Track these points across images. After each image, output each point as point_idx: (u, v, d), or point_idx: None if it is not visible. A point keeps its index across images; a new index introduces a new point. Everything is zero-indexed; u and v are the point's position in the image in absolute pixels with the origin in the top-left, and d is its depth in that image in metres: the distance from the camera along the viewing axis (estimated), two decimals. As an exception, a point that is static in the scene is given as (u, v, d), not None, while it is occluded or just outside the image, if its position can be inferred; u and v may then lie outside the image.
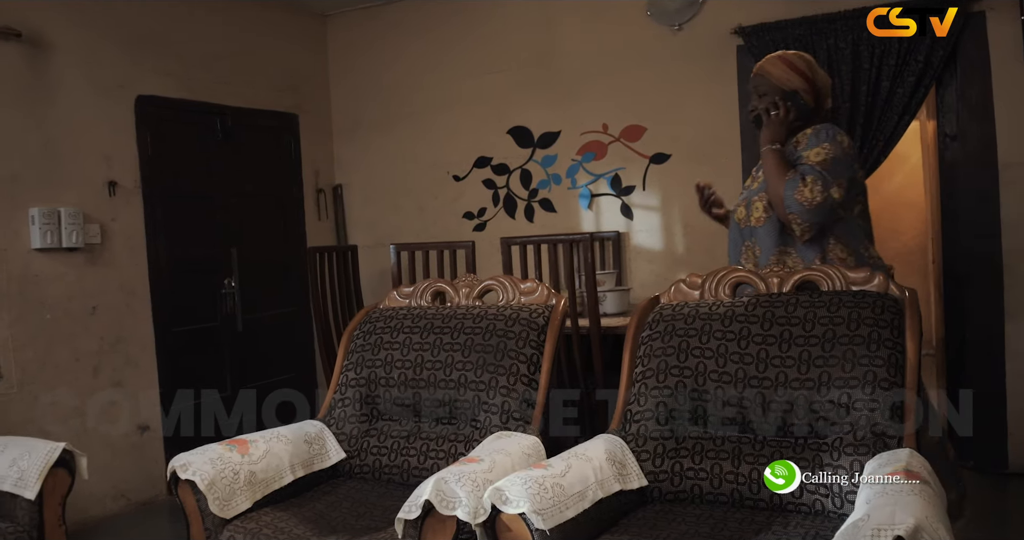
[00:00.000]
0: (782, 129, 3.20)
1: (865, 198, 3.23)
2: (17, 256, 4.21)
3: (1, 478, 3.02)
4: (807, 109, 3.22)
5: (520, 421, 2.99)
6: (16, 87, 4.24)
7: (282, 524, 2.76)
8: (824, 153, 3.08)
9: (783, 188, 3.07)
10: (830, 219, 3.08)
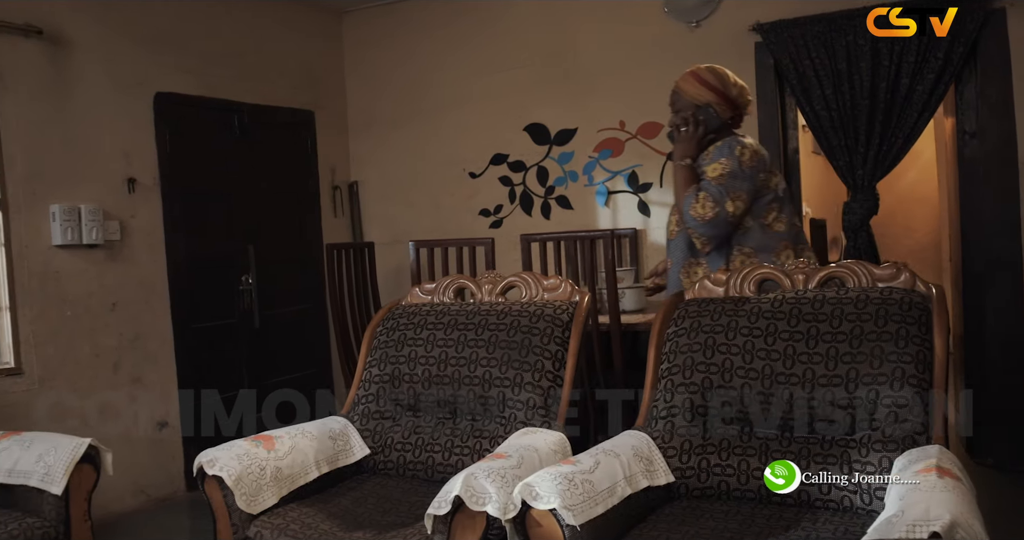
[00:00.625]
0: (691, 144, 3.31)
1: (783, 204, 3.31)
2: (38, 253, 4.22)
3: (27, 474, 3.04)
4: (720, 122, 3.33)
5: (545, 417, 2.99)
6: (37, 84, 4.25)
7: (309, 520, 2.76)
8: (720, 168, 3.21)
9: (683, 203, 3.24)
10: (727, 231, 3.22)
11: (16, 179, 4.15)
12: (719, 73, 3.37)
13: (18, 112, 4.17)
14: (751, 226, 3.25)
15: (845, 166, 4.60)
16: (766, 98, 4.86)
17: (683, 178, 3.29)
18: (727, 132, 3.34)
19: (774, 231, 3.27)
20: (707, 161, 3.26)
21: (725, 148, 3.23)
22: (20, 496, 3.06)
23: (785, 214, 3.31)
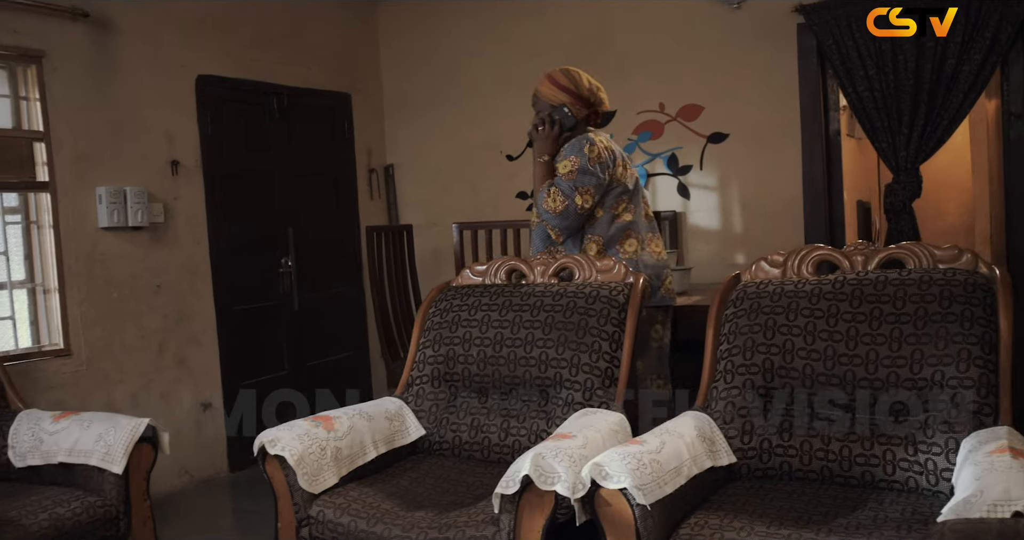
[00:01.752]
0: (548, 142, 3.51)
1: (632, 197, 3.55)
2: (85, 235, 4.25)
3: (88, 453, 3.07)
4: (575, 121, 3.53)
5: (604, 398, 3.00)
6: (83, 67, 4.27)
7: (369, 499, 2.78)
8: (570, 165, 3.42)
9: (538, 198, 3.47)
10: (578, 223, 3.46)
11: (64, 162, 4.17)
12: (572, 75, 3.56)
13: (65, 95, 4.18)
14: (601, 217, 3.48)
15: (888, 148, 4.57)
16: (808, 80, 4.84)
17: (540, 174, 3.51)
18: (581, 130, 3.55)
19: (622, 221, 3.50)
20: (560, 158, 3.48)
21: (576, 146, 3.45)
22: (80, 475, 3.09)
23: (634, 205, 3.54)
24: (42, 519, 2.82)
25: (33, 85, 4.12)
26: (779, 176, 4.94)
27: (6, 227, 4.09)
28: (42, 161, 4.14)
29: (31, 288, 4.19)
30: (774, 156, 4.95)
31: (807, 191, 4.88)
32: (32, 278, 4.19)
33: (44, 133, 4.13)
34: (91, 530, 2.94)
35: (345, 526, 2.69)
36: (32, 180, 4.13)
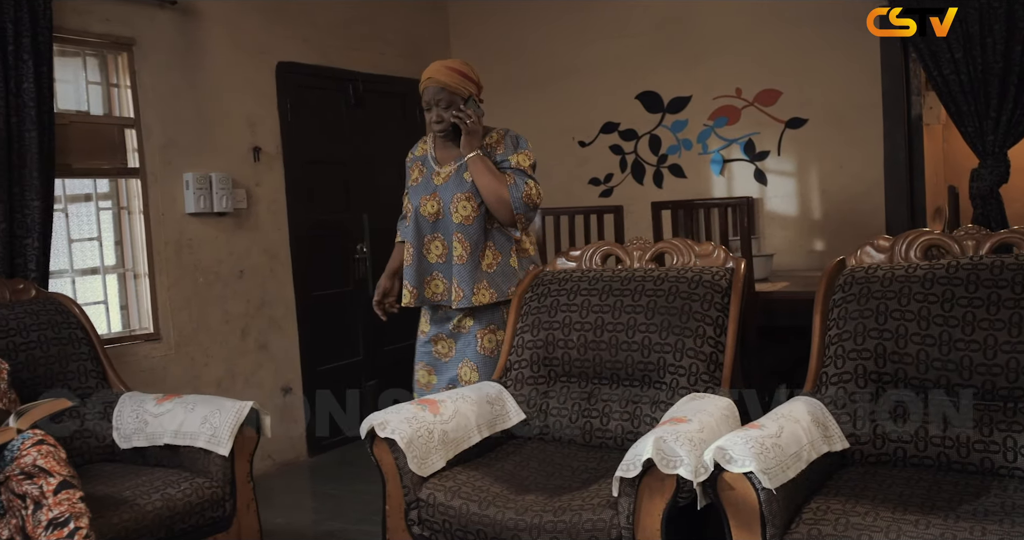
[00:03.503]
0: (479, 136, 3.43)
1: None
2: (173, 221, 4.29)
3: (193, 435, 3.10)
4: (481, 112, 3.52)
5: (709, 383, 2.99)
6: (171, 54, 4.31)
7: (478, 483, 2.79)
8: (529, 159, 3.50)
9: (507, 192, 3.38)
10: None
11: (153, 148, 4.22)
12: (469, 63, 3.52)
13: (154, 82, 4.22)
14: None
15: (974, 132, 4.50)
16: (890, 64, 4.78)
17: (489, 168, 3.40)
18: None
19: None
20: (509, 151, 3.47)
21: (520, 140, 3.53)
22: (185, 457, 3.13)
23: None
24: (155, 499, 2.86)
25: (124, 72, 4.17)
26: (859, 162, 4.89)
27: (99, 213, 4.13)
28: (133, 147, 4.19)
29: (121, 273, 4.24)
30: (854, 141, 4.90)
31: (889, 177, 4.83)
32: (122, 263, 4.24)
33: (135, 120, 4.18)
34: (199, 511, 2.98)
35: (456, 509, 2.71)
36: (124, 166, 4.18)
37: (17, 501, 2.42)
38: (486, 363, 3.46)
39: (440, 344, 3.56)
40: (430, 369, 3.57)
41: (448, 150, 3.53)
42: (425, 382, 3.59)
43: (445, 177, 3.48)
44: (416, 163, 3.63)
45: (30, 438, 2.49)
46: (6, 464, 2.47)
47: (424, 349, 3.60)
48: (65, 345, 3.38)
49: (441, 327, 3.54)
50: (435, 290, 3.50)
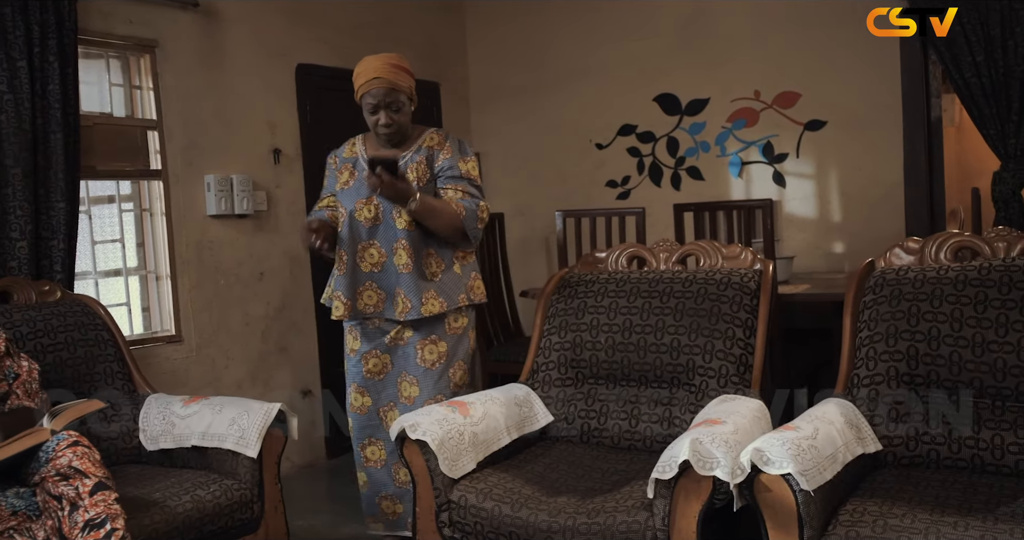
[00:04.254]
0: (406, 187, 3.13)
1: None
2: (195, 222, 4.29)
3: (221, 437, 3.09)
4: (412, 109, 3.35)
5: (739, 385, 2.99)
6: (192, 56, 4.31)
7: (509, 484, 2.79)
8: (476, 167, 3.36)
9: (461, 222, 3.20)
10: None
11: (175, 150, 4.22)
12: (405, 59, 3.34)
13: (176, 84, 4.22)
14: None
15: (996, 135, 4.50)
16: (910, 66, 4.77)
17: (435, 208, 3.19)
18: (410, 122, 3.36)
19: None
20: (456, 156, 3.29)
21: (463, 143, 3.39)
22: (213, 458, 3.13)
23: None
24: (185, 501, 2.86)
25: (146, 74, 4.16)
26: (878, 164, 4.89)
27: (122, 215, 4.14)
28: (155, 149, 4.19)
29: (143, 275, 4.24)
30: (873, 144, 4.90)
31: (909, 179, 4.82)
32: (144, 265, 4.24)
33: (157, 121, 4.17)
34: (229, 513, 2.97)
35: (489, 511, 2.70)
36: (146, 168, 4.18)
37: (53, 502, 2.41)
38: (427, 376, 3.33)
39: (372, 362, 3.38)
40: (363, 390, 3.41)
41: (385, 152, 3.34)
42: (359, 405, 3.43)
43: None
44: (346, 165, 3.41)
45: (65, 439, 2.49)
46: (41, 465, 2.47)
47: (355, 369, 3.42)
48: (92, 347, 3.38)
49: (373, 342, 3.37)
50: (367, 302, 3.31)
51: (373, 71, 3.18)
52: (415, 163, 3.28)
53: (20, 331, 3.20)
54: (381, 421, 3.41)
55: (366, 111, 3.25)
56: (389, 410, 3.40)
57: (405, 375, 3.35)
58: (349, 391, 3.44)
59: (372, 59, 3.23)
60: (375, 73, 3.18)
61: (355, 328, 3.41)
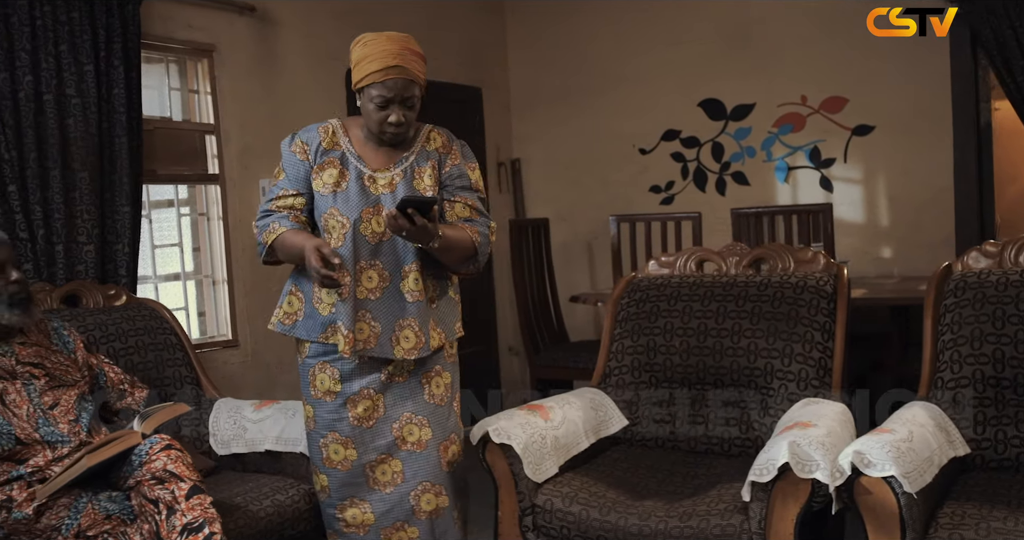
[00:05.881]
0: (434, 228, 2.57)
1: None
2: (249, 227, 4.26)
3: (296, 441, 3.11)
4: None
5: (819, 388, 2.98)
6: (248, 60, 4.31)
7: (593, 488, 2.78)
8: (479, 174, 2.88)
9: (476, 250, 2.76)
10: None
11: (231, 154, 4.22)
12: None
13: (232, 88, 4.23)
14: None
15: (1048, 139, 4.51)
16: (961, 71, 4.77)
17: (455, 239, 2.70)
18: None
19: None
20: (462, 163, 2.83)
21: (466, 146, 2.91)
22: (287, 463, 3.12)
23: None
24: (266, 505, 2.85)
25: (204, 78, 4.17)
26: (927, 169, 4.88)
27: (180, 219, 4.13)
28: (212, 153, 4.19)
29: (199, 279, 4.23)
30: (922, 148, 4.89)
31: (959, 184, 4.81)
32: (200, 269, 4.23)
33: (214, 126, 4.18)
34: (307, 517, 2.96)
35: (576, 515, 2.69)
36: (204, 173, 4.18)
37: (149, 506, 2.40)
38: (437, 414, 2.80)
39: (362, 405, 2.74)
40: (347, 441, 2.75)
41: (379, 151, 2.77)
42: (340, 459, 2.76)
43: (389, 185, 2.73)
44: (330, 161, 2.75)
45: (158, 442, 2.48)
46: (134, 469, 2.46)
47: (333, 416, 2.76)
48: (160, 351, 3.38)
49: (364, 380, 2.75)
50: (358, 336, 2.68)
51: (390, 57, 2.59)
52: (424, 169, 2.77)
53: (93, 335, 3.20)
54: (367, 478, 2.78)
55: (371, 104, 2.64)
56: (380, 463, 2.77)
57: (409, 417, 2.77)
58: (323, 444, 2.78)
59: (383, 40, 2.63)
60: (392, 59, 2.59)
61: (331, 365, 2.76)
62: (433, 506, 2.78)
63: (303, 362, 2.85)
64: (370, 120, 2.69)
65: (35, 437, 2.56)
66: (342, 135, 2.80)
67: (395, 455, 2.77)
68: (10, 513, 2.46)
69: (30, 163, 3.34)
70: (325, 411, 2.78)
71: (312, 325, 2.78)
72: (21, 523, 2.46)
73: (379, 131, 2.69)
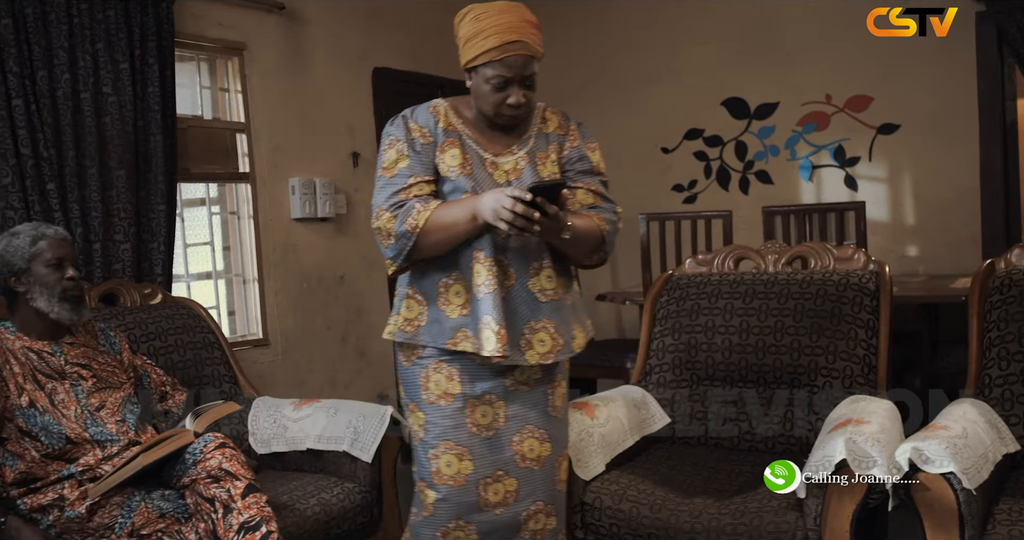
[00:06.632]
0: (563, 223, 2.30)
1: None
2: (280, 225, 4.29)
3: (338, 439, 3.09)
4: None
5: (865, 386, 2.97)
6: (278, 59, 4.31)
7: (641, 486, 2.77)
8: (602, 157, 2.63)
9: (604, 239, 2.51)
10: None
11: (261, 153, 4.21)
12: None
13: (263, 86, 4.22)
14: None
15: (1076, 137, 4.51)
16: (987, 69, 4.77)
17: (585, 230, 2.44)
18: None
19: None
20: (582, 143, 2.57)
21: (584, 124, 2.65)
22: (329, 461, 3.12)
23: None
24: (313, 504, 2.85)
25: (235, 77, 4.16)
26: (953, 167, 4.87)
27: (211, 217, 4.13)
28: (243, 152, 4.18)
29: (229, 278, 4.23)
30: (948, 147, 4.88)
31: (985, 183, 4.80)
32: (230, 268, 4.22)
33: (245, 124, 4.17)
34: (352, 516, 2.96)
35: (626, 513, 2.69)
36: (235, 171, 4.17)
37: (205, 505, 2.39)
38: (555, 427, 2.54)
39: (482, 411, 2.43)
40: (464, 452, 2.42)
41: (496, 135, 2.49)
42: (453, 473, 2.42)
43: (514, 171, 2.47)
44: (450, 141, 2.43)
45: (212, 441, 2.48)
46: (188, 467, 2.45)
47: (451, 422, 2.42)
48: (200, 349, 3.37)
49: (487, 384, 2.44)
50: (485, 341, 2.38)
51: (507, 31, 2.31)
52: (547, 153, 2.52)
53: (133, 334, 3.19)
54: (479, 498, 2.43)
55: (486, 85, 2.34)
56: (494, 482, 2.44)
57: (530, 430, 2.47)
58: (433, 455, 2.44)
59: (496, 12, 2.34)
60: (511, 34, 2.30)
61: (448, 364, 2.44)
62: (540, 526, 2.51)
63: (412, 365, 2.50)
64: (485, 102, 2.38)
65: (85, 436, 2.56)
66: (454, 117, 2.47)
67: (511, 472, 2.45)
68: (63, 512, 2.46)
69: (68, 161, 3.33)
70: (440, 416, 2.42)
71: (438, 331, 2.42)
72: (74, 521, 2.46)
73: (495, 114, 2.40)
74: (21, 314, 2.65)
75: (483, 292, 2.34)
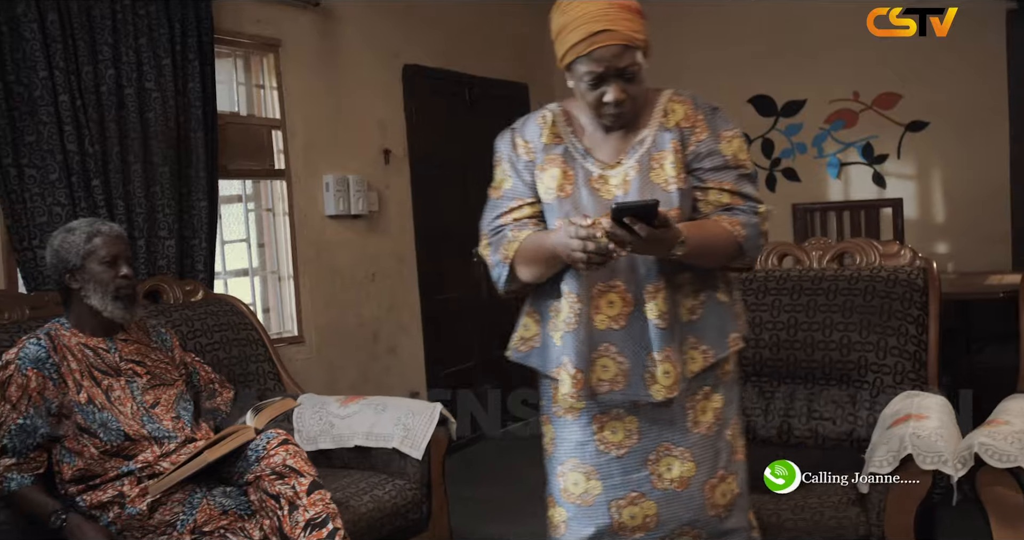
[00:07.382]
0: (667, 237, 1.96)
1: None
2: (314, 222, 4.28)
3: (387, 436, 3.08)
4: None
5: (916, 381, 2.97)
6: (313, 55, 4.32)
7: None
8: (743, 145, 2.22)
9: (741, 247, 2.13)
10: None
11: (296, 149, 4.21)
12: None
13: (297, 83, 4.22)
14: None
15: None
16: (1018, 66, 4.78)
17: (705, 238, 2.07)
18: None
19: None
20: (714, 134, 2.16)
21: (718, 112, 2.22)
22: (378, 459, 3.11)
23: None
24: (366, 501, 2.85)
25: (270, 73, 4.16)
26: (983, 165, 4.89)
27: (247, 214, 4.12)
28: (278, 149, 4.18)
29: (263, 275, 4.22)
30: (978, 145, 4.90)
31: (1015, 180, 4.82)
32: (265, 265, 4.22)
33: (280, 121, 4.16)
34: (403, 513, 2.96)
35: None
36: (271, 168, 4.17)
37: (270, 501, 2.39)
38: (704, 446, 2.20)
39: (610, 428, 2.19)
40: (591, 471, 2.19)
41: (610, 138, 2.19)
42: (580, 492, 2.20)
43: (623, 185, 2.14)
44: (553, 158, 2.19)
45: (275, 437, 2.47)
46: (251, 464, 2.44)
47: (577, 437, 2.21)
48: (244, 346, 3.37)
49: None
50: (602, 375, 2.14)
51: (592, 21, 2.06)
52: (664, 155, 2.14)
53: (180, 330, 3.17)
54: (612, 520, 2.18)
55: (583, 83, 2.10)
56: (629, 504, 2.18)
57: (668, 448, 2.18)
58: (560, 472, 2.24)
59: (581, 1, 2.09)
60: (596, 23, 2.05)
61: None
62: None
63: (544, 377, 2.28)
64: (585, 101, 2.14)
65: (142, 433, 2.55)
66: (563, 125, 2.22)
67: (649, 495, 2.17)
68: (123, 509, 2.45)
69: (112, 157, 3.32)
70: (568, 432, 2.22)
71: (547, 356, 2.22)
72: (135, 518, 2.45)
73: (597, 115, 2.14)
74: (76, 310, 2.64)
75: (563, 331, 2.15)
